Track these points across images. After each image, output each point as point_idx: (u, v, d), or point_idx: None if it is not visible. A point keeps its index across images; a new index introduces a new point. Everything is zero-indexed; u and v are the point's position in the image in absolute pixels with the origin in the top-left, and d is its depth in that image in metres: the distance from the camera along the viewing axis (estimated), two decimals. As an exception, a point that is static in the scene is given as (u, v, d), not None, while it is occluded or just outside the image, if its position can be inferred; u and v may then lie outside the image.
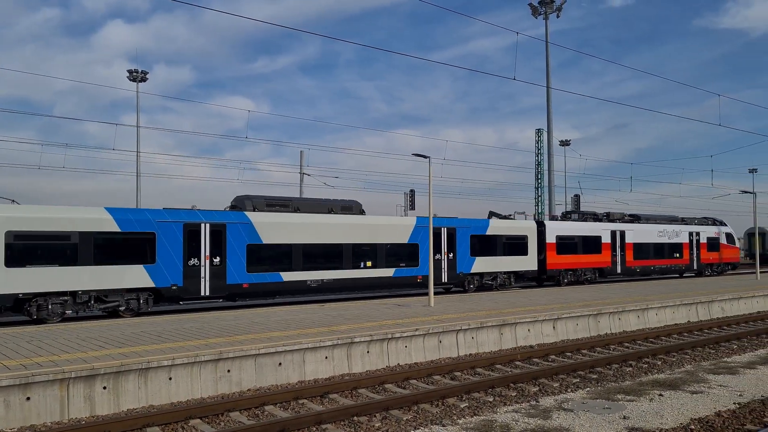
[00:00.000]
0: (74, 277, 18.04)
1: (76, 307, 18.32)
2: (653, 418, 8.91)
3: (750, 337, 17.44)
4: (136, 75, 44.78)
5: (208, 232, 20.46)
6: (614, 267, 33.57)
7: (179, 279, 19.85)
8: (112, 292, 18.73)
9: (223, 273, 20.73)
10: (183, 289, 19.91)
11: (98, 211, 18.80)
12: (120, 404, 10.27)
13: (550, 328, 17.15)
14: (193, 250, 20.14)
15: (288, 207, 23.17)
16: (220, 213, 21.12)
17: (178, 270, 19.82)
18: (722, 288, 26.90)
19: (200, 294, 20.35)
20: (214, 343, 12.27)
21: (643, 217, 37.17)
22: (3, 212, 17.18)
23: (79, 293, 18.18)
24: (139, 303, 19.29)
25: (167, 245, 19.66)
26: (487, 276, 28.12)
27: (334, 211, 24.18)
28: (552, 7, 39.72)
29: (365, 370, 13.32)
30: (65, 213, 18.17)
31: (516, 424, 8.66)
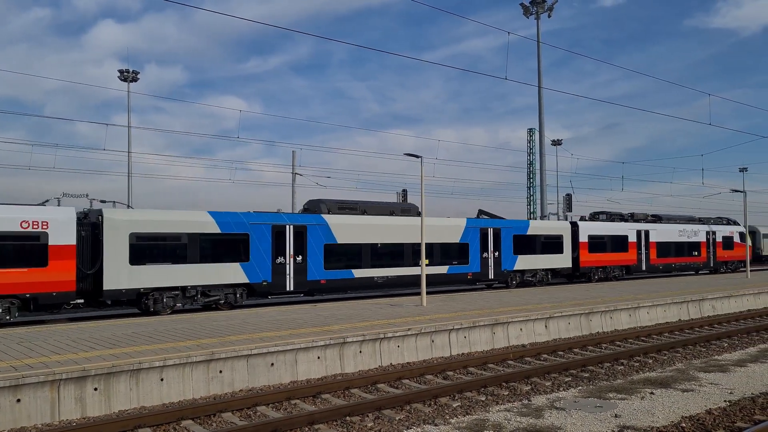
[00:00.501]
0: (184, 273, 20.03)
1: (185, 300, 20.29)
2: (645, 417, 8.95)
3: (740, 335, 17.55)
4: (127, 75, 44.56)
5: (291, 233, 22.44)
6: (639, 264, 35.28)
7: (269, 275, 21.82)
8: (214, 288, 20.78)
9: (305, 270, 22.72)
10: (272, 285, 21.93)
11: (202, 214, 20.81)
12: (111, 405, 10.22)
13: (543, 327, 17.20)
14: (279, 250, 22.12)
15: (356, 210, 25.13)
16: (302, 216, 23.15)
17: (267, 267, 21.79)
18: (713, 286, 27.06)
19: (285, 289, 22.35)
20: (206, 344, 12.23)
21: (664, 217, 38.94)
22: (127, 216, 19.23)
23: (188, 288, 20.23)
24: (235, 297, 21.28)
25: (258, 245, 21.64)
26: (528, 273, 30.00)
27: (395, 214, 26.14)
28: (543, 6, 39.82)
29: (358, 370, 13.32)
30: (176, 216, 20.20)
31: (508, 423, 8.67)
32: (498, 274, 28.51)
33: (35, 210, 17.73)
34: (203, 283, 20.39)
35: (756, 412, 9.31)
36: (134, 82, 44.86)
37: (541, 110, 40.11)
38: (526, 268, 29.69)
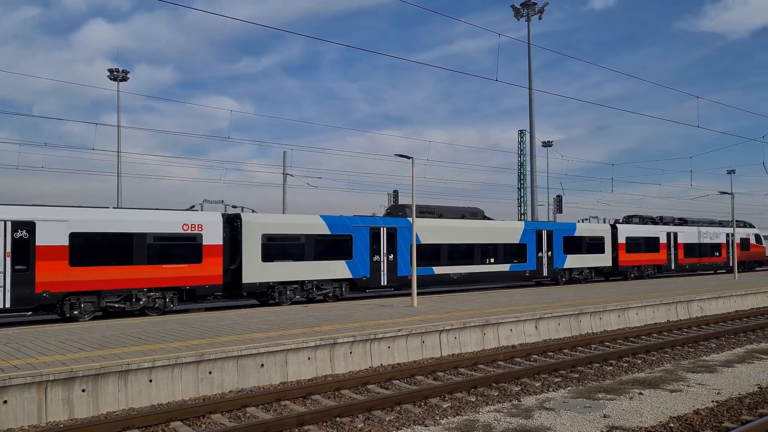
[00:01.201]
0: (303, 270, 22.95)
1: (302, 293, 23.12)
2: (633, 417, 8.99)
3: (728, 336, 17.67)
4: (117, 74, 44.35)
5: (385, 234, 25.30)
6: (669, 264, 38.45)
7: (367, 272, 24.64)
8: (325, 282, 23.69)
9: (395, 267, 25.49)
10: (370, 280, 24.68)
11: (316, 217, 23.64)
12: (99, 407, 10.15)
13: (533, 328, 17.25)
14: (375, 249, 24.91)
15: (434, 213, 27.99)
16: (393, 219, 25.97)
17: (366, 264, 24.63)
18: (702, 287, 27.25)
19: (380, 284, 25.13)
20: (195, 345, 12.18)
21: (689, 220, 42.09)
22: (259, 219, 22.12)
23: (306, 282, 23.15)
24: (341, 291, 24.10)
25: (359, 245, 24.44)
26: (576, 271, 33.03)
27: (465, 217, 29.02)
28: (534, 9, 39.96)
29: (348, 370, 13.30)
30: (296, 219, 23.23)
31: (498, 423, 8.69)
32: (550, 272, 31.42)
33: (192, 215, 20.83)
34: (317, 278, 23.41)
35: (743, 412, 9.38)
36: (124, 81, 44.66)
37: (532, 112, 40.25)
38: (573, 267, 32.57)
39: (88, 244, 18.59)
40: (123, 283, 19.10)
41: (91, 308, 18.72)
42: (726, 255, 42.95)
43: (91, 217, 18.79)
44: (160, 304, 19.90)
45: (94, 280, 18.64)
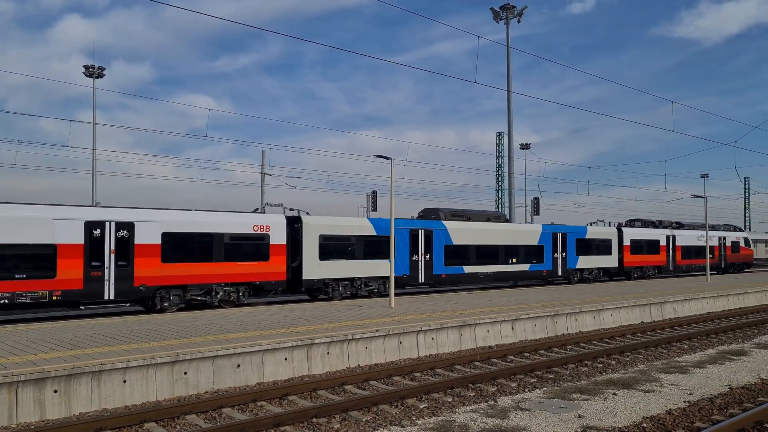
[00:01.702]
0: (353, 268, 24.97)
1: (353, 289, 25.16)
2: (607, 417, 9.10)
3: (700, 338, 17.97)
4: (92, 71, 43.68)
5: (422, 235, 27.35)
6: (668, 265, 41.17)
7: (407, 270, 26.64)
8: (372, 279, 25.73)
9: (431, 266, 27.53)
10: (410, 278, 26.74)
11: (364, 220, 26.26)
12: (72, 408, 10.00)
13: (509, 329, 17.37)
14: (414, 250, 26.97)
15: (463, 216, 30.22)
16: (429, 221, 28.00)
17: (406, 263, 26.60)
18: (675, 289, 27.67)
19: (418, 282, 27.16)
20: (170, 345, 12.05)
21: (686, 224, 44.73)
22: (317, 221, 24.21)
23: (355, 279, 25.18)
24: (385, 287, 26.17)
25: (401, 245, 26.41)
26: (586, 271, 35.50)
27: (491, 220, 31.32)
28: (513, 12, 40.26)
29: (325, 371, 13.27)
30: (348, 222, 25.22)
31: (474, 424, 8.73)
32: (564, 271, 33.85)
33: (261, 216, 22.88)
34: (365, 275, 25.45)
35: (714, 412, 9.54)
36: (100, 78, 44.00)
37: (510, 114, 40.53)
38: (585, 267, 35.09)
39: (176, 243, 20.63)
40: (205, 279, 21.25)
41: (177, 301, 20.81)
42: (719, 257, 45.72)
43: (179, 219, 20.83)
44: (234, 297, 22.06)
45: (181, 275, 20.72)
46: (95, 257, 18.88)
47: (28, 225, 17.87)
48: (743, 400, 10.29)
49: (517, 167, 59.53)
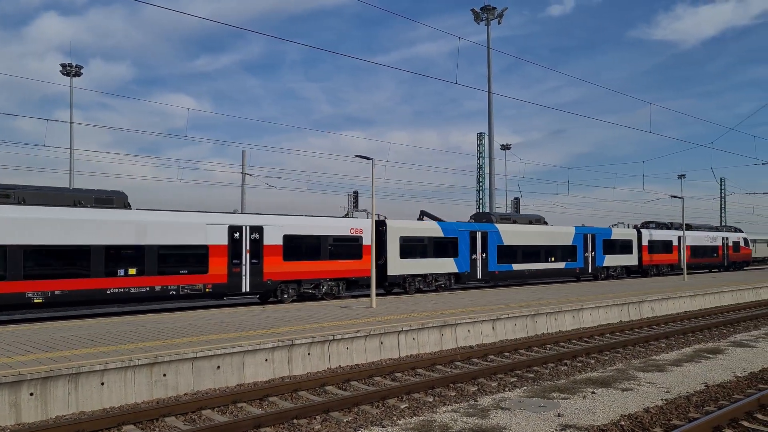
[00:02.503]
0: (426, 265, 28.36)
1: (425, 284, 28.59)
2: (586, 415, 9.19)
3: (677, 336, 18.21)
4: (69, 69, 43.13)
5: (480, 237, 30.81)
6: (680, 263, 45.04)
7: (468, 267, 30.20)
8: (440, 275, 29.24)
9: (487, 264, 31.10)
10: (469, 274, 30.27)
11: (434, 224, 29.30)
12: (48, 411, 9.86)
13: (490, 329, 17.46)
14: (473, 249, 30.44)
15: (509, 219, 33.78)
16: (484, 224, 31.45)
17: (467, 262, 30.14)
18: (653, 288, 28.02)
19: (477, 278, 30.69)
20: (149, 347, 11.93)
21: (694, 225, 48.92)
22: (398, 225, 27.62)
23: (428, 275, 28.55)
24: (450, 282, 29.72)
25: (463, 245, 29.95)
26: (612, 269, 39.08)
27: (533, 222, 34.77)
28: (493, 13, 40.47)
29: (306, 372, 13.23)
30: (422, 225, 28.68)
31: (455, 423, 8.77)
32: (594, 269, 37.43)
33: (355, 221, 26.38)
34: (435, 272, 28.76)
35: (691, 410, 9.68)
36: (77, 77, 43.46)
37: (491, 115, 40.74)
38: (610, 265, 38.60)
39: (294, 244, 23.97)
40: (314, 275, 24.58)
41: (293, 294, 24.05)
42: (722, 255, 49.85)
43: (295, 223, 24.19)
44: (335, 291, 25.34)
45: (297, 272, 24.02)
46: (235, 256, 22.35)
47: (190, 229, 21.35)
48: (719, 398, 10.46)
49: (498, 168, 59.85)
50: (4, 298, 17.81)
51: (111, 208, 20.17)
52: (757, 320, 22.05)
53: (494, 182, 41.63)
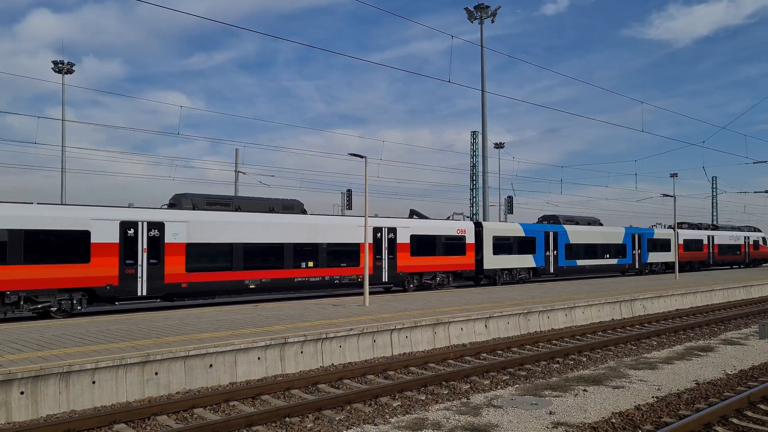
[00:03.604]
0: (512, 260, 33.09)
1: (510, 277, 33.07)
2: (577, 413, 9.22)
3: (668, 334, 18.30)
4: (61, 66, 42.89)
5: (552, 236, 35.37)
6: (708, 260, 50.26)
7: (543, 263, 34.75)
8: (522, 270, 33.68)
9: (557, 260, 35.74)
10: (544, 269, 34.86)
11: (517, 225, 33.73)
12: (39, 410, 9.81)
13: (483, 327, 17.49)
14: (546, 247, 35.00)
15: (572, 221, 38.59)
16: (552, 225, 36.08)
17: (542, 258, 34.71)
18: (644, 287, 28.14)
19: (549, 272, 35.38)
20: (141, 345, 11.89)
21: (720, 226, 55.32)
22: (491, 226, 32.29)
23: (513, 269, 33.21)
24: (529, 275, 34.21)
25: (539, 243, 34.57)
26: (654, 265, 44.39)
27: (591, 224, 39.60)
28: (487, 12, 40.48)
29: (299, 370, 13.22)
30: (509, 226, 33.41)
31: (447, 421, 8.78)
32: (640, 265, 42.63)
33: (461, 223, 30.94)
34: (518, 266, 33.30)
35: (681, 407, 9.73)
36: (69, 74, 43.23)
37: (484, 113, 40.77)
38: (653, 261, 43.87)
39: (418, 242, 28.57)
40: (432, 268, 29.18)
41: (417, 284, 28.69)
42: (744, 253, 55.20)
43: (419, 225, 28.95)
44: (445, 282, 29.92)
45: (420, 265, 28.58)
46: (377, 252, 26.96)
47: (345, 230, 25.95)
48: (709, 395, 10.52)
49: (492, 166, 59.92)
50: (232, 284, 22.28)
51: (294, 213, 24.85)
52: (748, 318, 22.19)
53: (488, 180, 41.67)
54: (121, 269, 19.67)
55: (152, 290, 20.28)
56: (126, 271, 19.70)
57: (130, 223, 19.99)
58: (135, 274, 19.87)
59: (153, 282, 20.31)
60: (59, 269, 18.61)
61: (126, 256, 19.81)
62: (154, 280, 20.35)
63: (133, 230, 19.98)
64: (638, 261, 42.25)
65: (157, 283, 20.42)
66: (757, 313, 23.25)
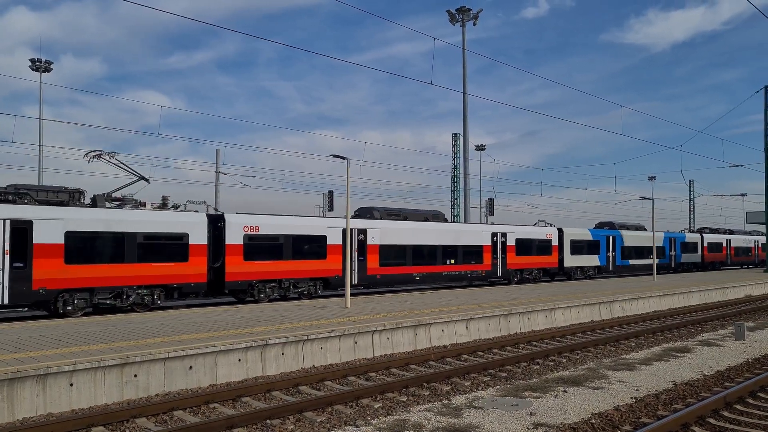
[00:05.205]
0: (584, 260, 39.64)
1: (581, 274, 39.59)
2: (557, 414, 9.29)
3: (646, 335, 18.51)
4: (39, 65, 42.29)
5: (611, 239, 41.89)
6: (727, 260, 57.69)
7: (605, 262, 41.27)
8: (590, 268, 40.29)
9: (615, 259, 42.48)
10: (605, 268, 41.42)
11: (586, 230, 40.35)
12: (15, 413, 9.65)
13: (464, 328, 17.56)
14: (607, 249, 41.53)
15: (624, 227, 45.06)
16: (611, 230, 42.51)
17: (604, 258, 41.28)
18: (624, 288, 28.44)
19: (609, 270, 41.89)
20: (119, 347, 11.76)
21: (736, 231, 62.63)
22: (570, 231, 38.79)
23: (584, 267, 39.62)
24: (595, 273, 40.83)
25: (602, 246, 41.15)
26: (686, 264, 51.09)
27: (639, 229, 46.55)
28: (469, 15, 40.69)
29: (280, 372, 13.16)
30: (580, 231, 39.76)
31: (428, 422, 8.80)
32: (676, 265, 49.74)
33: (548, 228, 37.23)
34: (588, 265, 39.92)
35: (659, 408, 9.85)
36: (47, 72, 42.65)
37: (466, 116, 40.96)
38: (684, 261, 50.79)
39: (520, 245, 35.07)
40: (528, 265, 35.66)
41: (518, 278, 35.07)
42: (754, 255, 63.37)
43: (521, 230, 35.44)
44: (537, 277, 36.35)
45: (521, 263, 35.18)
46: (493, 252, 33.28)
47: (473, 235, 32.15)
48: (687, 396, 10.66)
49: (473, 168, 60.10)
50: (405, 276, 28.94)
51: (440, 222, 31.70)
52: (724, 320, 22.53)
53: (469, 182, 41.87)
54: (342, 264, 26.21)
55: (361, 280, 27.15)
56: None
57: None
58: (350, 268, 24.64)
59: (361, 274, 27.14)
60: (311, 264, 25.30)
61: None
62: (362, 272, 27.17)
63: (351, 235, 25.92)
64: (674, 261, 49.36)
65: (363, 275, 27.22)
66: (733, 314, 23.62)
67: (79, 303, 19.28)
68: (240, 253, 23.04)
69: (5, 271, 17.77)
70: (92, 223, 19.46)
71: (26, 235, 18.16)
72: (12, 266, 17.95)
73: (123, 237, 20.02)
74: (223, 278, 22.75)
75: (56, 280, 18.61)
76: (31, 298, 18.29)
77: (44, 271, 18.39)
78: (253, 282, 23.52)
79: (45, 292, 18.41)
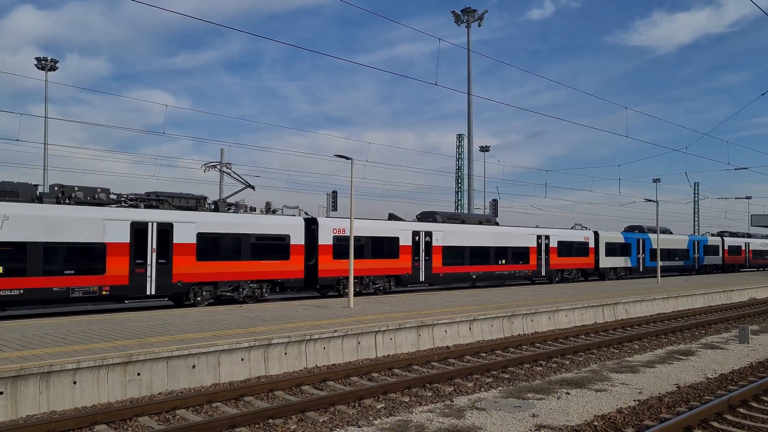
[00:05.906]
0: (617, 261, 42.07)
1: (615, 274, 42.13)
2: (560, 416, 9.28)
3: (650, 338, 18.47)
4: (44, 63, 42.40)
5: (641, 242, 44.40)
6: (745, 263, 60.24)
7: (635, 263, 43.63)
8: (622, 269, 42.74)
9: (644, 261, 44.68)
10: (635, 269, 43.85)
11: (619, 233, 42.65)
12: (19, 411, 9.69)
13: (467, 329, 17.54)
14: (638, 251, 44.02)
15: (653, 230, 47.09)
16: (640, 234, 44.85)
17: (635, 259, 43.62)
18: (627, 291, 28.38)
19: (639, 271, 44.29)
20: (123, 345, 11.79)
21: (753, 234, 65.05)
22: (605, 234, 40.95)
23: (617, 268, 42.03)
24: (627, 273, 43.37)
25: (633, 248, 43.51)
26: (709, 266, 53.92)
27: (664, 232, 48.45)
28: (474, 16, 40.66)
29: (283, 372, 13.18)
30: (614, 234, 42.15)
31: (431, 423, 8.80)
32: (699, 266, 52.08)
33: (586, 232, 39.62)
34: (620, 266, 42.27)
35: (662, 410, 9.83)
36: (53, 71, 42.74)
37: (470, 117, 40.94)
38: (707, 263, 53.27)
39: (562, 247, 37.32)
40: (568, 266, 38.10)
41: (558, 278, 37.68)
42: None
43: (563, 233, 37.73)
44: (576, 276, 39.05)
45: (561, 264, 37.33)
46: (539, 253, 35.58)
47: (519, 237, 34.47)
48: (690, 399, 10.63)
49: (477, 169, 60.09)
50: (463, 275, 31.07)
51: (491, 225, 33.73)
52: (728, 323, 22.46)
53: (473, 183, 41.84)
54: (412, 264, 28.66)
55: (427, 278, 29.30)
56: (414, 264, 28.70)
57: (416, 233, 28.97)
58: (419, 267, 28.88)
59: (427, 272, 29.28)
60: (386, 263, 27.57)
61: (414, 254, 28.67)
62: (428, 271, 29.31)
63: (418, 237, 28.93)
64: (697, 263, 51.84)
65: (429, 273, 29.39)
66: (737, 317, 23.53)
67: (206, 295, 21.79)
68: (330, 253, 25.47)
69: (152, 266, 20.37)
70: (217, 226, 21.98)
71: (168, 236, 20.78)
72: (157, 262, 20.52)
73: (240, 238, 22.46)
74: (316, 274, 25.15)
75: (190, 275, 21.24)
76: (171, 290, 20.89)
77: (181, 266, 21.01)
78: (340, 278, 25.93)
79: (182, 284, 21.06)
